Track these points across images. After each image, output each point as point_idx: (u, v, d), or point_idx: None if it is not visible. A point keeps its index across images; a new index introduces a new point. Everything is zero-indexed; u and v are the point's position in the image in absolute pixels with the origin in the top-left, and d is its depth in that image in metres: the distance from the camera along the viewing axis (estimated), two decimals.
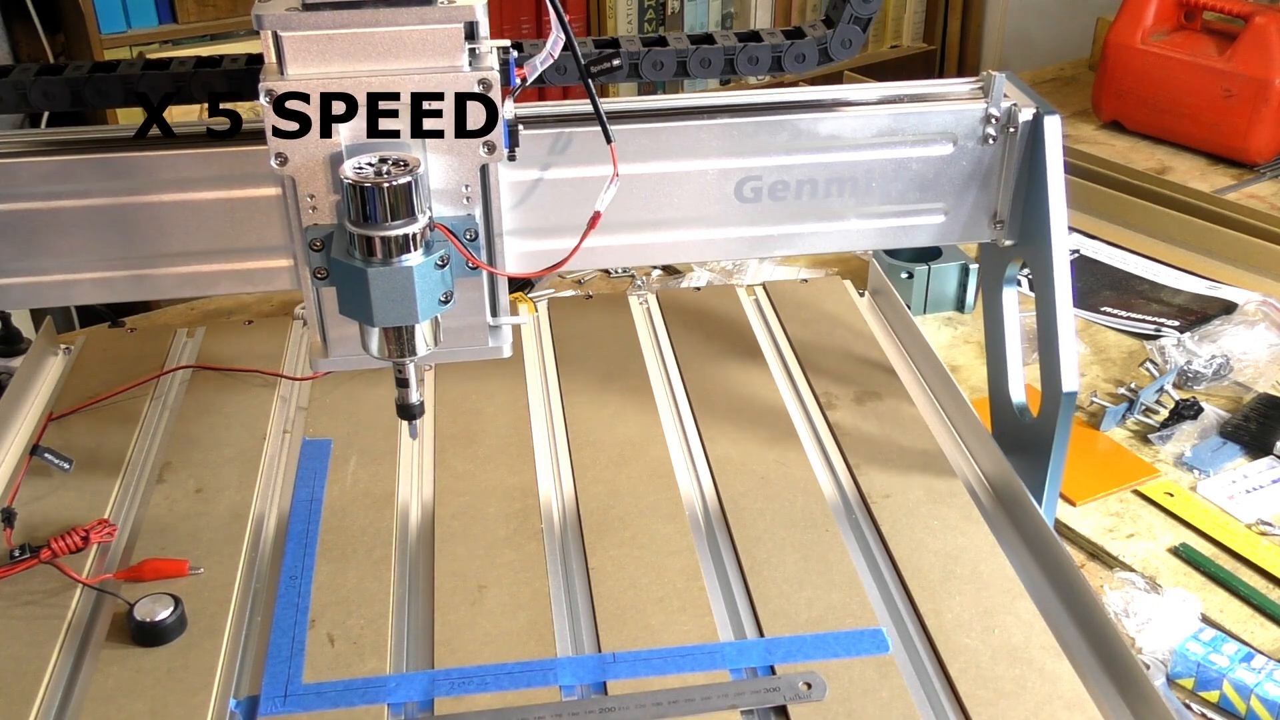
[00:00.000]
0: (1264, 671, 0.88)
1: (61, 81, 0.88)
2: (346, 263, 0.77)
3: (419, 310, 0.78)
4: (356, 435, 1.04)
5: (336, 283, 0.80)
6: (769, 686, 0.79)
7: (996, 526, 0.94)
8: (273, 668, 0.81)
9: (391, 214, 0.76)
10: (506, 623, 0.84)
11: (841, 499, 0.98)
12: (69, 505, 0.96)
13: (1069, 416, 0.95)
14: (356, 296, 0.78)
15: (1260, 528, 1.07)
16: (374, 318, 0.78)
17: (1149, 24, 1.88)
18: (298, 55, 0.77)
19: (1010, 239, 1.00)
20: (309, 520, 0.94)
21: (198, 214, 0.90)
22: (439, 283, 0.79)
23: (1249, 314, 1.38)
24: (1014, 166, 0.97)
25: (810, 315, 1.22)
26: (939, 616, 0.85)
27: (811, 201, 0.97)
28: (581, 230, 0.85)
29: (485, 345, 0.90)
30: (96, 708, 0.78)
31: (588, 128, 0.91)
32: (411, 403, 0.87)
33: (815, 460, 1.02)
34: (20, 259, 0.90)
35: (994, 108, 0.95)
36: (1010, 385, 1.04)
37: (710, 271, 1.53)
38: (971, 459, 1.03)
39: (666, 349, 1.18)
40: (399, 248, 0.77)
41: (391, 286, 0.77)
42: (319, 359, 0.89)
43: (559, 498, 0.99)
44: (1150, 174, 1.74)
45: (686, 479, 1.00)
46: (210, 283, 0.93)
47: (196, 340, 1.19)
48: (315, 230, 0.81)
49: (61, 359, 1.18)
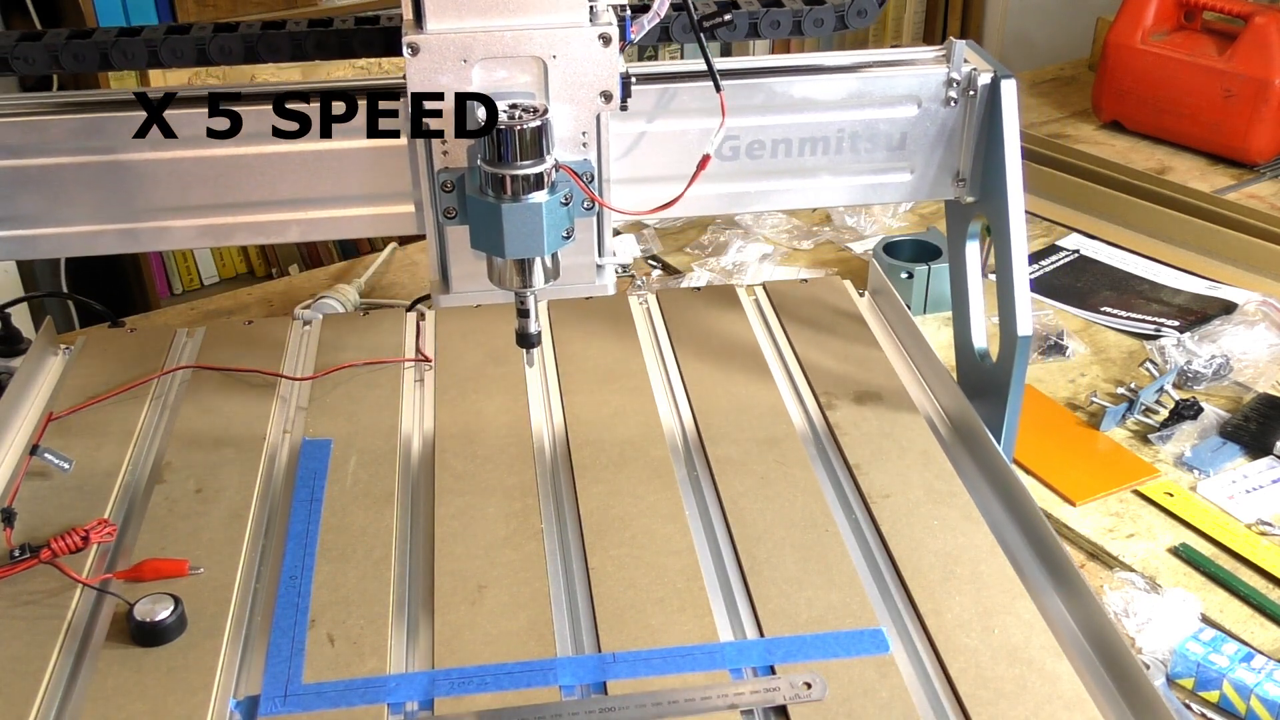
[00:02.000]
0: (1264, 671, 0.88)
1: (91, 45, 0.94)
2: (481, 200, 0.86)
3: (546, 244, 0.87)
4: (356, 435, 1.04)
5: (470, 219, 0.89)
6: (769, 686, 0.79)
7: (996, 527, 0.94)
8: (273, 668, 0.81)
9: (523, 155, 0.85)
10: (506, 623, 0.84)
11: (841, 499, 0.98)
12: (69, 505, 0.96)
13: (1025, 358, 1.02)
14: (490, 231, 0.87)
15: (1260, 528, 1.07)
16: (505, 250, 0.87)
17: (1149, 24, 1.88)
18: (435, 11, 0.85)
19: (972, 196, 1.07)
20: (309, 520, 0.94)
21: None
22: (563, 219, 0.88)
23: (1249, 314, 1.38)
24: (974, 127, 1.04)
25: (810, 315, 1.22)
26: (939, 616, 0.85)
27: (786, 160, 1.05)
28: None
29: (593, 283, 0.99)
30: (96, 708, 0.78)
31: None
32: (531, 332, 0.95)
33: (815, 460, 1.02)
34: (48, 210, 0.99)
35: (955, 72, 1.02)
36: (973, 333, 1.11)
37: (710, 272, 1.53)
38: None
39: (666, 349, 1.18)
40: (529, 186, 0.85)
41: (522, 221, 0.86)
42: (440, 296, 0.97)
43: (559, 497, 0.99)
44: (1150, 174, 1.74)
45: (686, 479, 1.00)
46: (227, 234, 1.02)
47: (196, 340, 1.19)
48: (446, 173, 0.91)
49: (61, 359, 1.18)
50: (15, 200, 0.98)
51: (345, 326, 1.20)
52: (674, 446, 1.04)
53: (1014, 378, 1.02)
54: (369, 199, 1.01)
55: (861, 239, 1.61)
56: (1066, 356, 1.34)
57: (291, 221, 1.02)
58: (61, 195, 0.98)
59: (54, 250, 1.02)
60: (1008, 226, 1.01)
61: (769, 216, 1.65)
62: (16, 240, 1.00)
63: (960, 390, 1.06)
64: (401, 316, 1.22)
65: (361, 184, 1.00)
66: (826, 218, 1.67)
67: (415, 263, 1.61)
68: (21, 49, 0.93)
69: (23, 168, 0.97)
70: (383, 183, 1.00)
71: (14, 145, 0.96)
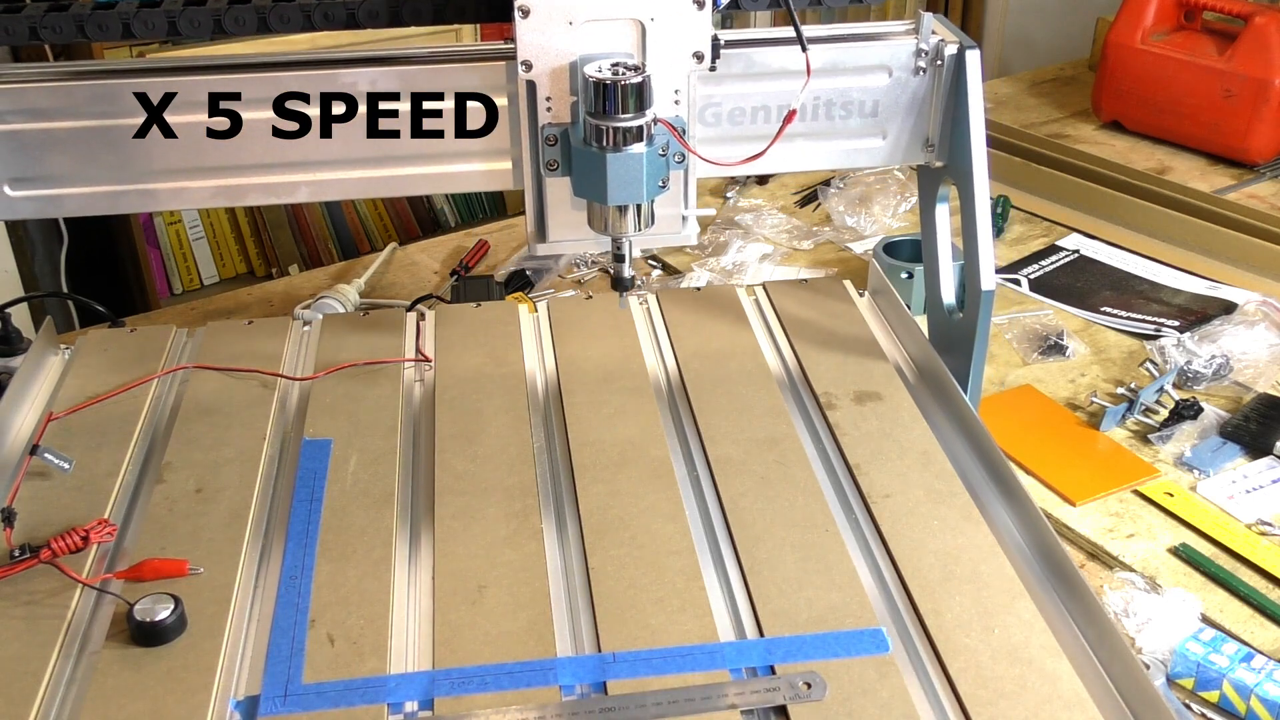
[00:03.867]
0: (1264, 671, 0.88)
1: (115, 15, 0.99)
2: (586, 150, 0.95)
3: (645, 191, 0.95)
4: (356, 435, 1.04)
5: (574, 169, 0.98)
6: (769, 686, 0.79)
7: (996, 526, 0.94)
8: (273, 668, 0.81)
9: (625, 108, 0.93)
10: (506, 623, 0.84)
11: (841, 499, 0.98)
12: (69, 505, 0.96)
13: (989, 311, 1.09)
14: (593, 179, 0.95)
15: (1260, 528, 1.07)
16: (608, 197, 0.95)
17: (1149, 24, 1.88)
18: None
19: (941, 160, 1.13)
20: (309, 520, 0.94)
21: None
22: (660, 169, 0.96)
23: (1249, 314, 1.38)
24: (942, 95, 1.10)
25: (810, 315, 1.22)
26: (939, 616, 0.85)
27: (765, 125, 1.10)
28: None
29: (679, 233, 1.09)
30: (96, 708, 0.78)
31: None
32: (625, 276, 1.03)
33: (815, 460, 1.02)
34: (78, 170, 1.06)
35: (923, 43, 1.08)
36: (942, 290, 1.18)
37: (710, 272, 1.53)
38: (971, 458, 1.03)
39: (666, 349, 1.18)
40: (631, 137, 0.93)
41: (624, 170, 0.94)
42: (536, 245, 1.08)
43: (559, 498, 0.99)
44: (1150, 174, 1.74)
45: (686, 479, 1.00)
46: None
47: (196, 340, 1.19)
48: (550, 128, 0.99)
49: (61, 359, 1.18)
50: (45, 160, 1.05)
51: (345, 326, 1.20)
52: (674, 446, 1.04)
53: (979, 330, 1.09)
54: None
55: (861, 239, 1.62)
56: (1067, 356, 1.34)
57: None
58: (87, 156, 1.05)
59: (80, 208, 1.08)
60: (973, 189, 1.07)
61: (769, 216, 1.66)
62: (47, 199, 1.07)
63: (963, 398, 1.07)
64: (401, 316, 1.22)
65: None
66: (827, 218, 1.68)
67: (415, 263, 1.61)
68: (50, 19, 0.99)
69: (52, 130, 1.04)
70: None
71: (44, 109, 1.03)
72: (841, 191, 1.70)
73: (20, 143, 1.04)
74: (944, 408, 1.08)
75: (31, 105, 1.03)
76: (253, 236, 2.75)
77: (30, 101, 1.03)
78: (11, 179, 1.05)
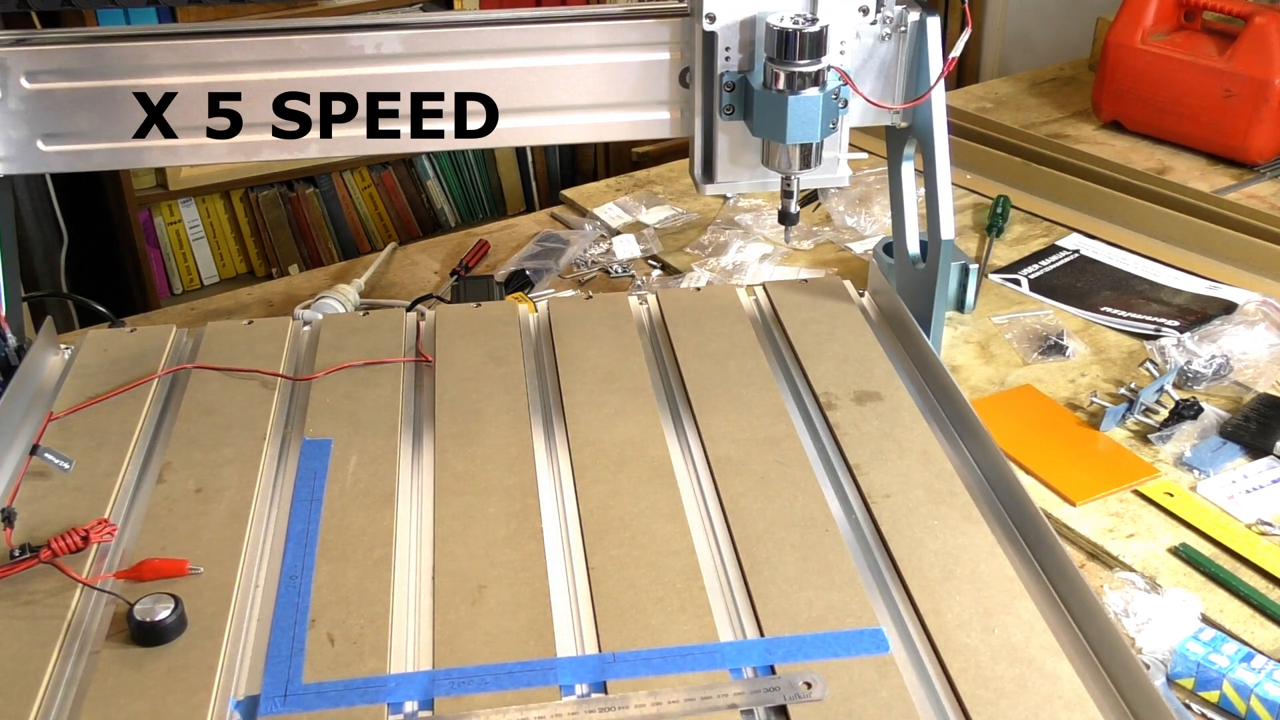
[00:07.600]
0: (1264, 671, 0.88)
1: None
2: (767, 94, 1.07)
3: (819, 130, 1.08)
4: (356, 435, 1.04)
5: (755, 111, 1.09)
6: (769, 686, 0.79)
7: (996, 526, 0.94)
8: (273, 668, 0.81)
9: (804, 54, 1.04)
10: (506, 622, 0.84)
11: (841, 499, 0.98)
12: (69, 505, 0.96)
13: (949, 259, 1.18)
14: (774, 120, 1.07)
15: (1260, 528, 1.07)
16: (787, 136, 1.07)
17: (1149, 24, 1.88)
18: None
19: (905, 122, 1.21)
20: (309, 520, 0.94)
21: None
22: (832, 111, 1.08)
23: (1249, 314, 1.38)
24: (905, 60, 1.18)
25: (810, 315, 1.22)
26: (939, 616, 0.85)
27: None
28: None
29: (835, 174, 1.19)
30: (96, 708, 0.78)
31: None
32: (792, 211, 1.16)
33: (815, 460, 1.02)
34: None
35: (888, 10, 1.15)
36: (908, 241, 1.25)
37: (710, 272, 1.53)
38: (971, 458, 1.03)
39: (666, 349, 1.18)
40: (809, 82, 1.05)
41: (803, 110, 1.06)
42: (705, 186, 1.19)
43: (559, 498, 0.99)
44: (1150, 174, 1.74)
45: (686, 479, 1.00)
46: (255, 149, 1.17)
47: (196, 340, 1.19)
48: (729, 75, 1.11)
49: (61, 359, 1.18)
50: (74, 117, 1.13)
51: (345, 326, 1.20)
52: (674, 446, 1.04)
53: (940, 278, 1.17)
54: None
55: (861, 239, 1.61)
56: (1066, 356, 1.34)
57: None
58: (112, 113, 1.12)
59: (106, 162, 1.16)
60: (934, 147, 1.16)
61: (769, 216, 1.65)
62: (75, 154, 1.15)
63: (964, 399, 1.07)
64: (401, 316, 1.22)
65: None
66: (827, 218, 1.67)
67: (415, 262, 1.61)
68: None
69: (79, 89, 1.12)
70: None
71: (73, 69, 1.11)
72: (841, 191, 1.70)
73: (52, 101, 1.12)
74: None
75: (62, 65, 1.10)
76: (252, 236, 2.75)
77: (61, 62, 1.10)
78: (44, 134, 1.13)
